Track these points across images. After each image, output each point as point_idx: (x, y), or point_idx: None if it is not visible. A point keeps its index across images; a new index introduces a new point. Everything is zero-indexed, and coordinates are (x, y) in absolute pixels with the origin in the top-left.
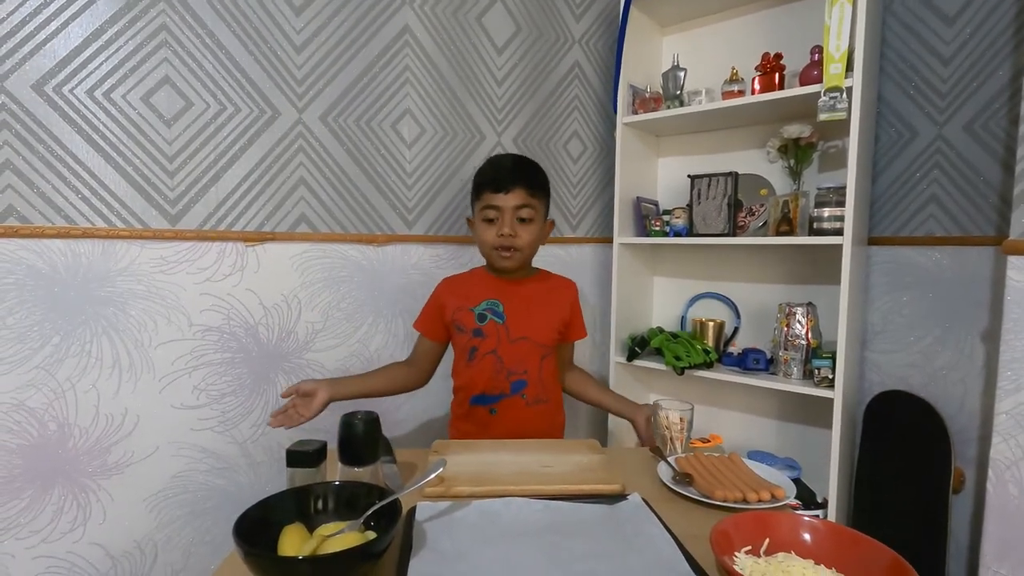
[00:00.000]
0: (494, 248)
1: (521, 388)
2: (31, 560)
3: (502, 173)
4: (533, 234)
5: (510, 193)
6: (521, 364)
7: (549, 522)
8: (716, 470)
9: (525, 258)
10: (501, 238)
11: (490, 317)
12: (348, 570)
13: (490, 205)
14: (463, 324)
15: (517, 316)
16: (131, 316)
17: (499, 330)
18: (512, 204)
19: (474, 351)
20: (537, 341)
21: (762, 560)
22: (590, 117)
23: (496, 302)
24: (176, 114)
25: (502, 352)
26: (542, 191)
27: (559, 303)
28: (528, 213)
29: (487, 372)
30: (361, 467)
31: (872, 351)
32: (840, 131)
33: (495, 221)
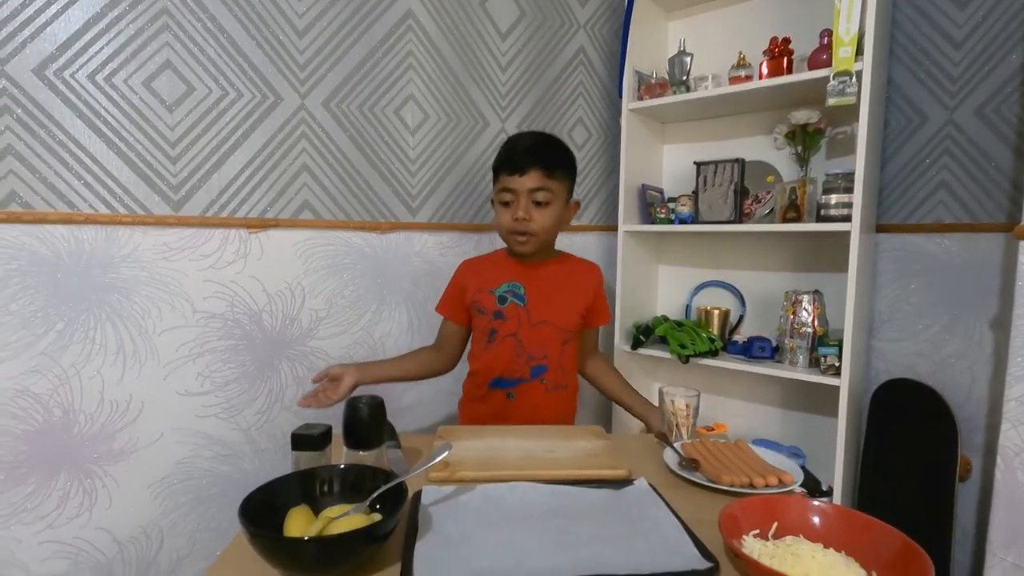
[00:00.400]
0: (509, 232)
1: (541, 373)
2: (38, 545)
3: (518, 154)
4: (550, 218)
5: (525, 175)
6: (541, 349)
7: (555, 506)
8: (723, 456)
9: (542, 243)
10: (516, 222)
11: (511, 299)
12: (354, 551)
13: (506, 188)
14: (483, 306)
15: (538, 300)
16: (135, 303)
17: (520, 313)
18: (527, 187)
19: (494, 333)
20: (559, 326)
21: (770, 543)
22: (595, 104)
23: (517, 284)
24: (178, 99)
25: (523, 336)
26: (563, 171)
27: (582, 287)
28: (544, 196)
29: (507, 355)
30: (366, 451)
31: (879, 339)
32: (849, 116)
33: (511, 204)
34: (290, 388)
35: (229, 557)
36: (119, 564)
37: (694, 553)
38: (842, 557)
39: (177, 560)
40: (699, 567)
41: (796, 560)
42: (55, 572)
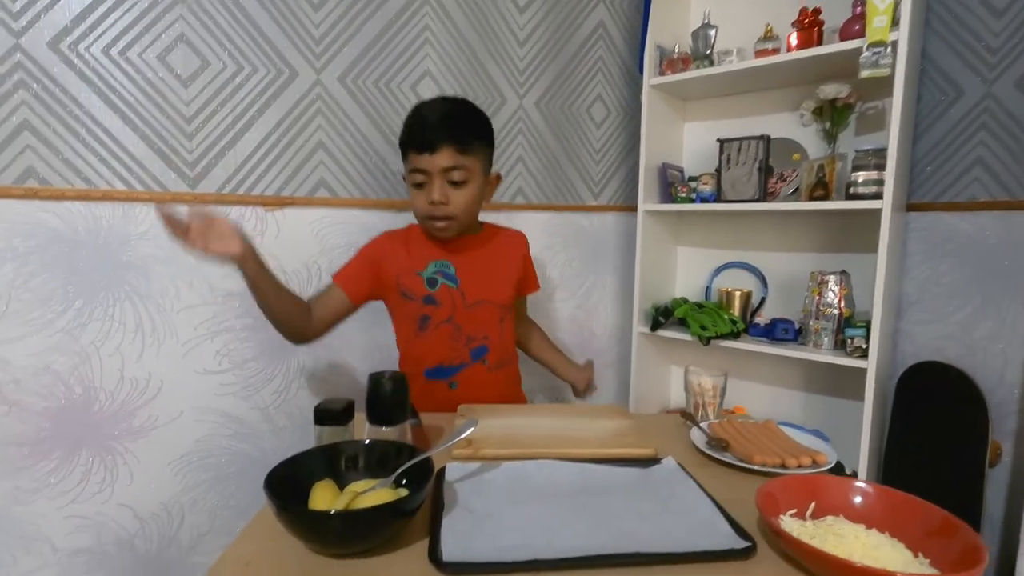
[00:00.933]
0: (427, 218)
1: (483, 354)
2: (62, 520)
3: (425, 129)
4: (469, 197)
5: (436, 153)
6: (480, 329)
7: (582, 484)
8: (752, 436)
9: (464, 225)
10: (432, 207)
11: (441, 281)
12: (381, 526)
13: (416, 168)
14: (411, 291)
15: (471, 278)
16: (153, 280)
17: (453, 295)
18: (440, 166)
19: (426, 320)
20: (496, 302)
21: (809, 523)
22: (614, 80)
23: (446, 263)
24: (192, 74)
25: (459, 319)
26: (479, 142)
27: (513, 258)
28: (460, 175)
29: (444, 342)
30: (389, 427)
31: (906, 321)
32: (880, 90)
33: (424, 186)
34: (307, 367)
35: (253, 531)
36: (141, 539)
37: (728, 532)
38: (886, 538)
39: (198, 536)
40: (736, 546)
41: (839, 540)
42: (79, 546)
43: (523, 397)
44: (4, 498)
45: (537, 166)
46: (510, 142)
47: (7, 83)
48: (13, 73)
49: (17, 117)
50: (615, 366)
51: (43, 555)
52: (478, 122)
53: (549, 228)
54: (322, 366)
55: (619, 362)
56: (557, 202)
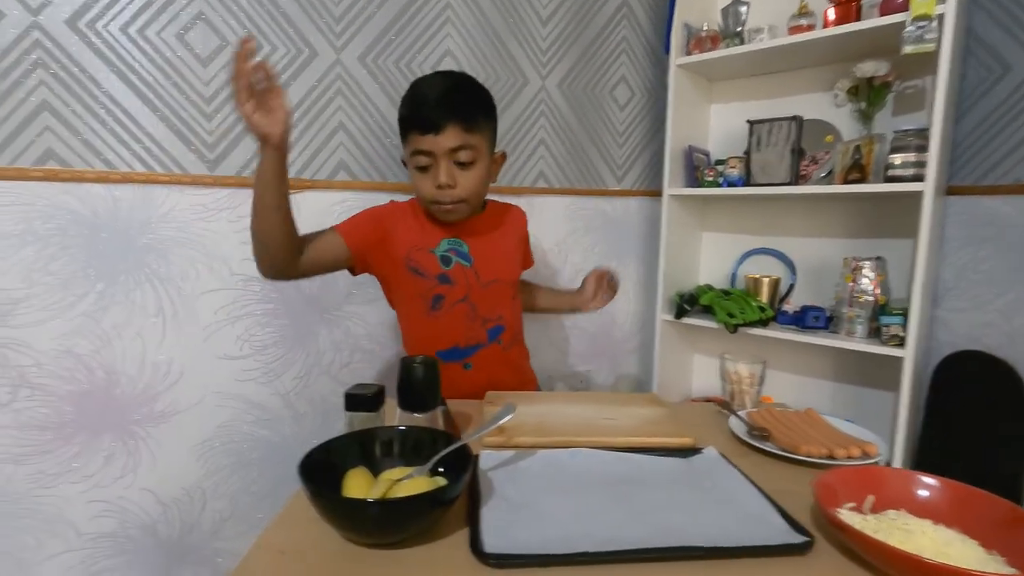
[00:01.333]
0: (434, 203)
1: (498, 334)
2: (85, 504)
3: (429, 108)
4: (477, 179)
5: (441, 133)
6: (495, 309)
7: (621, 473)
8: (793, 425)
9: (471, 207)
10: (439, 191)
11: (455, 260)
12: (420, 516)
13: (420, 150)
14: (424, 268)
15: (485, 256)
16: (173, 264)
17: (468, 274)
18: (446, 147)
19: (440, 300)
20: (508, 281)
21: (870, 517)
22: (638, 61)
23: (459, 241)
24: (211, 53)
25: (475, 298)
26: (485, 119)
27: (517, 235)
28: (468, 156)
29: (459, 322)
30: (421, 413)
31: (942, 309)
32: (921, 68)
33: (429, 169)
34: (327, 353)
35: (286, 518)
36: (163, 524)
37: (782, 525)
38: (955, 534)
39: (220, 521)
40: (793, 541)
41: (906, 536)
42: (103, 530)
43: (533, 374)
44: (28, 482)
45: (559, 149)
46: (532, 124)
47: (25, 62)
48: (32, 52)
49: (36, 97)
50: (637, 354)
51: (67, 539)
52: (483, 97)
53: (571, 213)
54: (343, 352)
55: (640, 350)
56: (579, 186)
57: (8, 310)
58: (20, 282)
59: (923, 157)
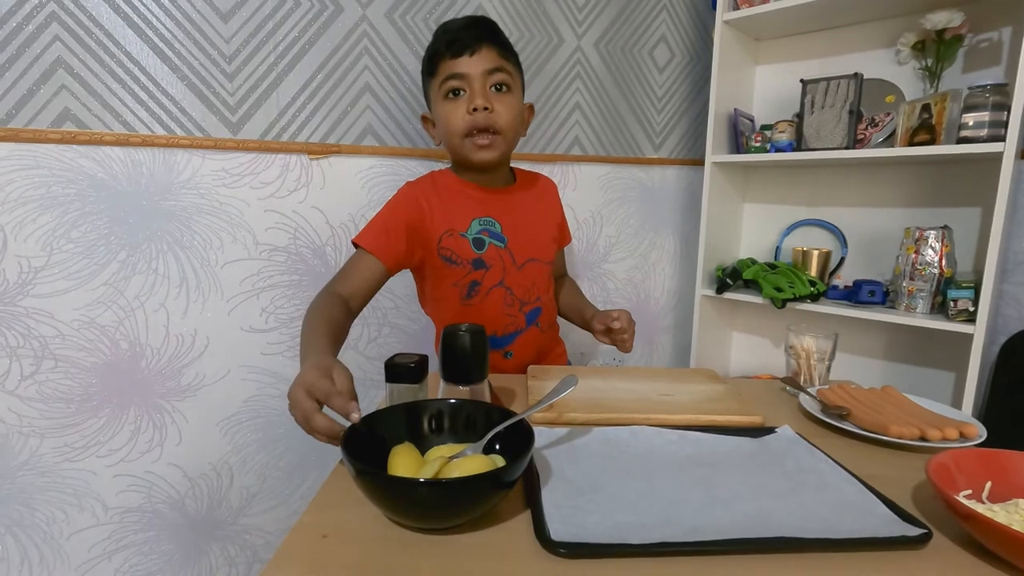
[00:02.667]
0: (466, 134)
1: (536, 317)
2: (112, 478)
3: (462, 31)
4: (514, 108)
5: (476, 55)
6: (532, 291)
7: (689, 454)
8: (874, 404)
9: (508, 145)
10: (475, 115)
11: (489, 241)
12: (479, 499)
13: (453, 74)
14: (457, 255)
15: (518, 235)
16: (195, 232)
17: (503, 256)
18: (481, 68)
19: (475, 286)
20: (544, 259)
21: (996, 507)
22: (679, 19)
23: (491, 220)
24: (233, 7)
25: (510, 282)
26: (515, 57)
27: (552, 207)
28: (503, 78)
29: (497, 308)
30: (467, 385)
31: (1012, 283)
32: (998, 18)
33: (461, 94)
34: (355, 328)
35: (326, 498)
36: (191, 499)
37: (887, 514)
38: None
39: (248, 497)
40: (908, 533)
41: None
42: (130, 505)
43: (565, 351)
44: (55, 454)
45: (595, 114)
46: (567, 87)
47: (39, 16)
48: (45, 5)
49: (51, 54)
50: (673, 331)
51: (95, 513)
52: (509, 42)
53: (606, 182)
54: (371, 326)
55: (676, 327)
56: (615, 154)
57: (29, 278)
58: (40, 249)
59: (1000, 116)
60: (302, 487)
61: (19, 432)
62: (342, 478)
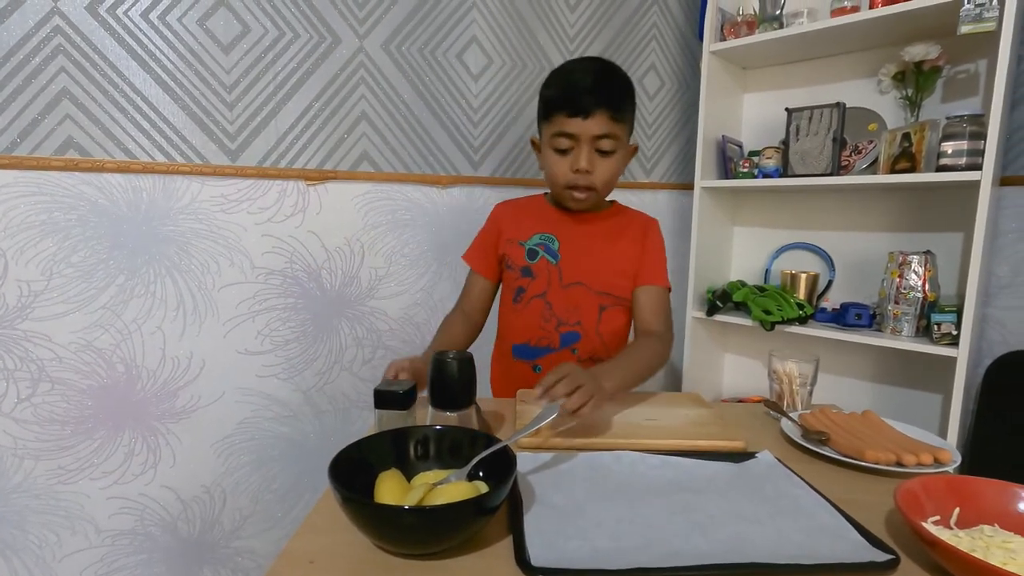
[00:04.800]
0: (567, 187)
1: (573, 341)
2: (105, 500)
3: (581, 91)
4: (614, 169)
5: (590, 119)
6: (574, 313)
7: (672, 479)
8: (853, 428)
9: (601, 198)
10: (576, 175)
11: (542, 254)
12: (462, 525)
13: (563, 132)
14: (512, 259)
15: (573, 256)
16: (193, 256)
17: (551, 271)
18: (592, 133)
19: (520, 292)
20: (595, 288)
21: (962, 534)
22: (669, 48)
23: (551, 237)
24: (233, 40)
25: (552, 297)
26: (629, 111)
27: (629, 242)
28: (610, 145)
29: (534, 318)
30: (454, 411)
31: (995, 307)
32: (973, 51)
33: (568, 152)
34: (349, 349)
35: (315, 522)
36: (183, 522)
37: (859, 540)
38: None
39: (241, 520)
40: (876, 559)
41: (1010, 557)
42: (122, 528)
43: None
44: (48, 477)
45: None
46: None
47: (46, 48)
48: (52, 38)
49: (56, 85)
50: None
51: (87, 536)
52: (628, 86)
53: None
54: (365, 348)
55: None
56: None
57: (29, 302)
58: (40, 274)
59: (977, 145)
60: (295, 510)
61: (13, 454)
62: (331, 502)
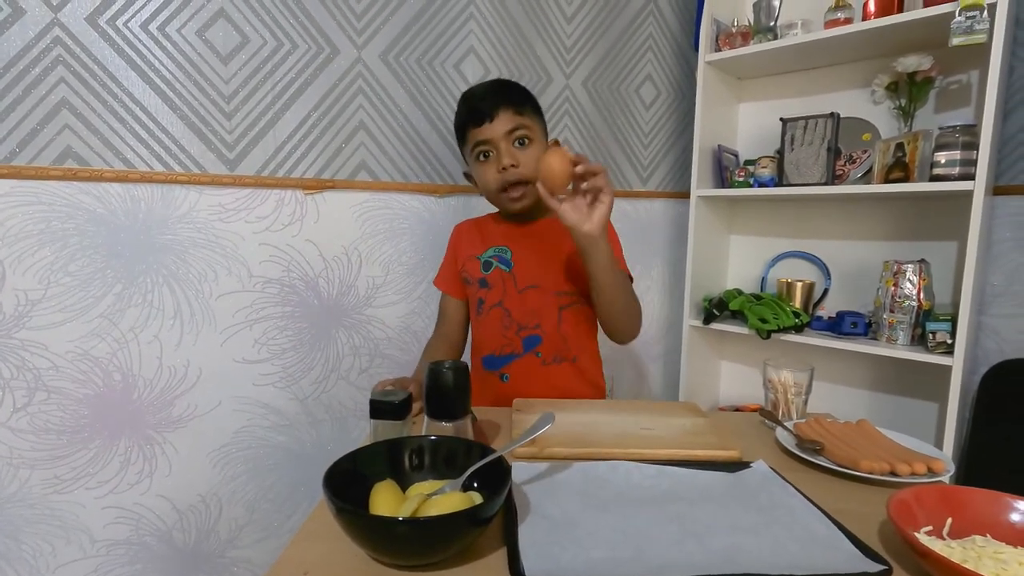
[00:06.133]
0: (500, 190)
1: (535, 345)
2: (100, 510)
3: (479, 101)
4: (537, 156)
5: (496, 120)
6: (532, 316)
7: (667, 489)
8: (848, 438)
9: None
10: (504, 173)
11: (496, 265)
12: (456, 536)
13: (479, 141)
14: (470, 274)
15: (526, 262)
16: (191, 265)
17: (505, 279)
18: (502, 131)
19: (481, 303)
20: (550, 288)
21: (955, 544)
22: (665, 59)
23: (504, 248)
24: (232, 50)
25: (509, 304)
26: (531, 108)
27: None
28: (524, 133)
29: (496, 327)
30: (450, 421)
31: (990, 315)
32: (965, 62)
33: (490, 156)
34: (346, 358)
35: (309, 533)
36: (179, 532)
37: (852, 551)
38: None
39: (237, 529)
40: (868, 569)
41: (1001, 567)
42: (117, 537)
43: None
44: (44, 486)
45: (583, 149)
46: (556, 123)
47: (46, 59)
48: (51, 49)
49: (55, 95)
50: (662, 360)
51: (82, 546)
52: (525, 90)
53: None
54: (362, 357)
55: (666, 356)
56: None
57: (26, 311)
58: (38, 283)
59: (970, 155)
60: (291, 519)
61: (9, 464)
62: (325, 511)
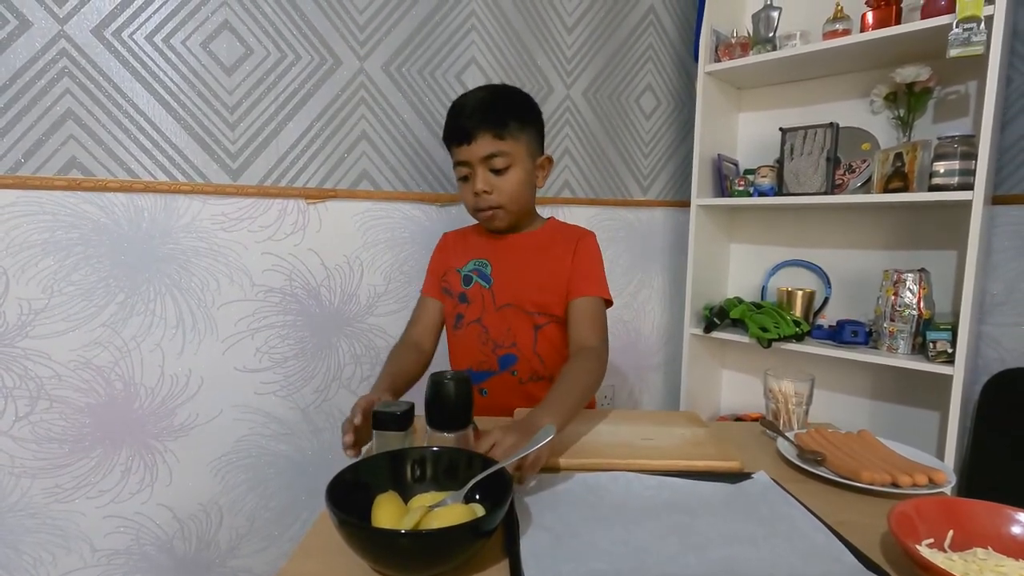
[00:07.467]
0: (476, 211)
1: (511, 364)
2: (102, 519)
3: (462, 119)
4: (515, 184)
5: (474, 143)
6: (508, 336)
7: (667, 500)
8: (849, 448)
9: (514, 214)
10: (477, 198)
11: (476, 280)
12: (458, 548)
13: (458, 161)
14: (451, 287)
15: (505, 279)
16: (193, 275)
17: (484, 295)
18: (479, 155)
19: (460, 319)
20: (526, 308)
21: (956, 557)
22: (665, 69)
23: (484, 262)
24: (236, 62)
25: (487, 321)
26: (518, 126)
27: (559, 257)
28: (502, 162)
29: (473, 344)
30: (452, 432)
31: (990, 324)
32: (963, 73)
33: (469, 178)
34: (348, 367)
35: (311, 545)
36: (180, 541)
37: (852, 562)
38: None
39: (237, 539)
40: None
41: None
42: (118, 547)
43: None
44: (45, 495)
45: (584, 158)
46: (556, 133)
47: (51, 71)
48: (57, 60)
49: (61, 106)
50: (662, 369)
51: (83, 555)
52: (518, 104)
53: (595, 223)
54: (364, 365)
55: (667, 365)
56: (604, 196)
57: (29, 320)
58: (41, 292)
59: (968, 165)
60: (292, 528)
61: (10, 473)
62: (327, 523)
